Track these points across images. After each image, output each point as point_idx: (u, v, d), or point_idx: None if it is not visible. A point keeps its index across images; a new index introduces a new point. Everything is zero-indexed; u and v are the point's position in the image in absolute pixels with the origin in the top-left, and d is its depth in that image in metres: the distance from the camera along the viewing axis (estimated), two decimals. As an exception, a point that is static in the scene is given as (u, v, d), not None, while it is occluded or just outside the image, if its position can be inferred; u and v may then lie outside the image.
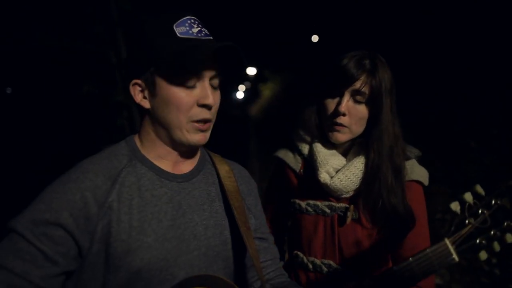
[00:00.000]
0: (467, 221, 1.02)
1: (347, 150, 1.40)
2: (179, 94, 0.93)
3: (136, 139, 1.02)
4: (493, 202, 1.02)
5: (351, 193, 1.33)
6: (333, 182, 1.31)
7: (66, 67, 3.71)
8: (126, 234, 0.90)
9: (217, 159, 1.14)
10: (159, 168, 0.99)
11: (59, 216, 0.86)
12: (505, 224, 1.00)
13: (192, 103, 0.94)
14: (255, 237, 1.13)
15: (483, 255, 1.01)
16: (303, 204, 1.40)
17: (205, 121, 0.97)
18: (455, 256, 1.01)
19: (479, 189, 1.04)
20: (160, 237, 0.93)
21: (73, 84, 3.77)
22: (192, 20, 0.95)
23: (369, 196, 1.29)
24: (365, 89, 1.28)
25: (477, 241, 1.01)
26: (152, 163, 0.99)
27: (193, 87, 0.94)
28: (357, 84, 1.27)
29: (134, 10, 4.37)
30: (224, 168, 1.12)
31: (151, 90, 0.94)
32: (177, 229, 0.95)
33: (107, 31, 3.91)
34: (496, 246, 1.01)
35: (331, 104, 1.33)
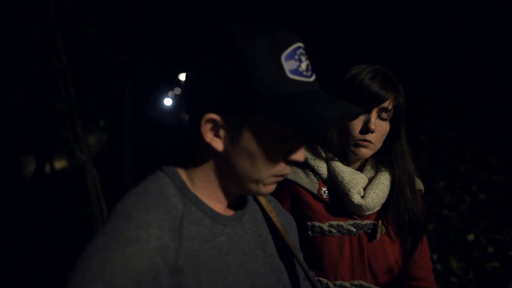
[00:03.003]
0: None
1: (362, 166, 1.44)
2: (270, 148, 0.76)
3: (183, 173, 0.85)
4: None
5: (376, 209, 1.37)
6: (367, 203, 1.35)
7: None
8: None
9: None
10: (214, 211, 0.84)
11: None
12: None
13: (281, 158, 0.79)
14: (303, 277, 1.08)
15: None
16: (324, 226, 1.36)
17: (284, 175, 0.84)
18: None
19: None
20: None
21: (4, 91, 3.32)
22: (301, 50, 0.75)
23: (398, 211, 1.35)
24: (391, 107, 1.32)
25: None
26: (207, 206, 0.83)
27: (286, 140, 0.78)
28: (386, 103, 1.31)
29: (75, 10, 4.01)
30: (263, 201, 1.02)
31: (233, 135, 0.76)
32: (240, 284, 0.83)
33: (46, 33, 3.51)
34: None
35: (357, 121, 1.38)
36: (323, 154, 1.40)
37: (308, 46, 0.78)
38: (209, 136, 0.78)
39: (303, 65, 0.74)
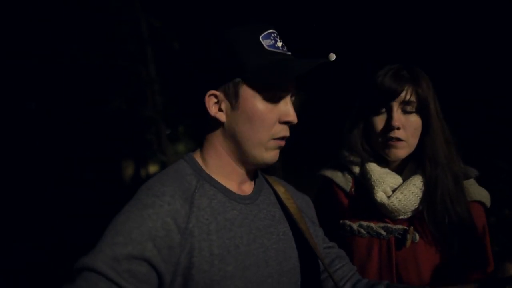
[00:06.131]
0: None
1: (402, 168, 1.34)
2: (264, 109, 0.89)
3: (197, 157, 0.97)
4: None
5: (409, 214, 1.27)
6: (391, 202, 1.25)
7: (97, 83, 3.76)
8: (208, 264, 0.82)
9: (271, 179, 1.10)
10: (227, 189, 0.93)
11: (143, 248, 0.77)
12: None
13: (275, 119, 0.90)
14: (326, 246, 1.12)
15: None
16: (354, 225, 1.33)
17: (284, 138, 0.94)
18: None
19: None
20: (240, 265, 0.87)
21: (102, 100, 3.81)
22: (275, 34, 0.93)
23: (433, 207, 1.24)
24: (413, 98, 1.25)
25: None
26: (219, 183, 0.94)
27: (276, 102, 0.91)
28: (403, 95, 1.25)
29: (163, 27, 4.46)
30: (280, 189, 1.08)
31: (232, 103, 0.89)
32: (252, 255, 0.89)
33: (138, 48, 3.98)
34: None
35: (379, 121, 1.28)
36: (356, 158, 1.37)
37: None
38: (213, 110, 0.90)
39: (279, 44, 0.92)
